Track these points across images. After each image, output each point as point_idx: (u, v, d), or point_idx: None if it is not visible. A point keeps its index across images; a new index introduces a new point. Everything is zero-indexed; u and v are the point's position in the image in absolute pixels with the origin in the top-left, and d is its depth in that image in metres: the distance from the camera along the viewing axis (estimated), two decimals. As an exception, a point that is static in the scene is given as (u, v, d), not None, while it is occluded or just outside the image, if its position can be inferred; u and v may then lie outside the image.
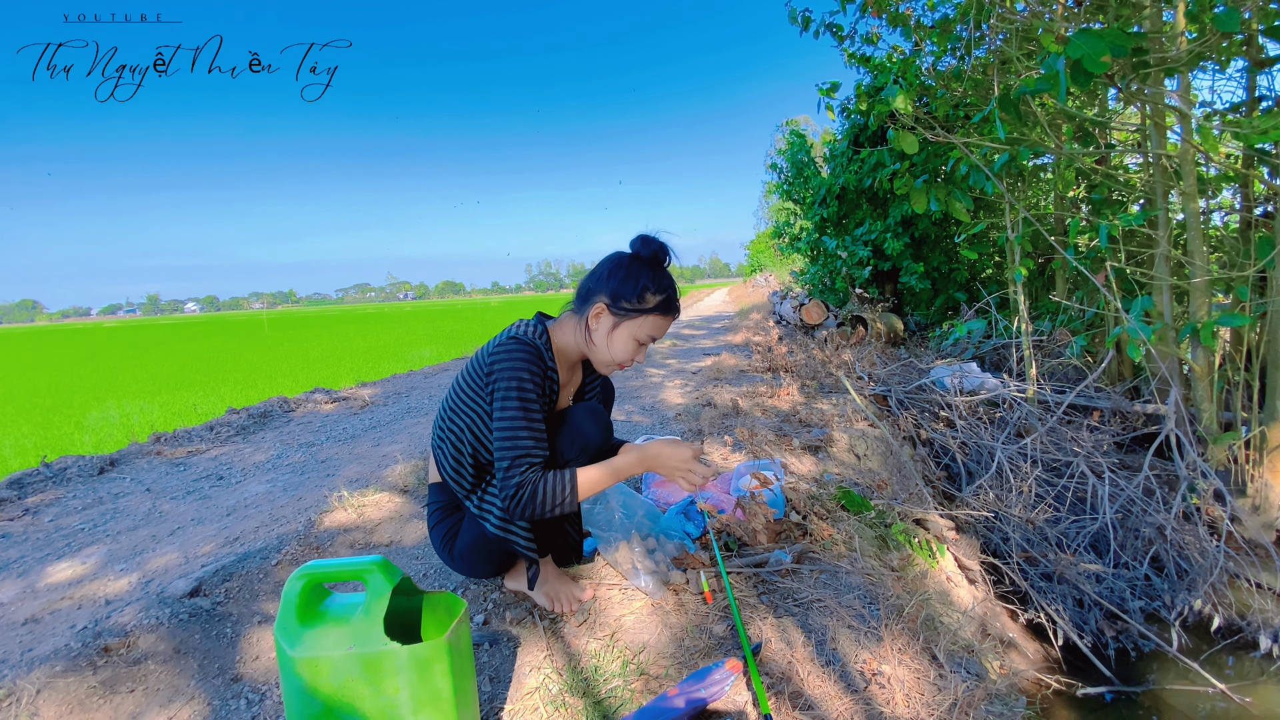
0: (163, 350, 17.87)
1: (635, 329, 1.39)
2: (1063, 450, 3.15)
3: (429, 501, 1.59)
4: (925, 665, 1.35)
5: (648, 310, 1.38)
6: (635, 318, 1.38)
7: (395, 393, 5.39)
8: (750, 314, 11.43)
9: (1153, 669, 2.34)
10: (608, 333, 1.39)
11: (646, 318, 1.38)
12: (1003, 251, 5.96)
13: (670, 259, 1.42)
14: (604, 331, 1.39)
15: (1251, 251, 2.90)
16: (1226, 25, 1.71)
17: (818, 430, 3.15)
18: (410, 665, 1.03)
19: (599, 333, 1.40)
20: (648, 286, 1.37)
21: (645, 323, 1.39)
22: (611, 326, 1.39)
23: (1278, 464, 2.92)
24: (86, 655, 1.43)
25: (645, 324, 1.39)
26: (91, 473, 3.24)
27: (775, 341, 6.23)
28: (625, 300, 1.37)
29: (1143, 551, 2.68)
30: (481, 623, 1.56)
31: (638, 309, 1.37)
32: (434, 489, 1.58)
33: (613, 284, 1.38)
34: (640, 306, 1.37)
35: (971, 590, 2.31)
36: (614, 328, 1.38)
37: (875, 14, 3.41)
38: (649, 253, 1.40)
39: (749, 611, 1.51)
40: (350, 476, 2.84)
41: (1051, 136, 3.10)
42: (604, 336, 1.39)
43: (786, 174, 7.80)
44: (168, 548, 2.20)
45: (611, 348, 1.40)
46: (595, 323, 1.40)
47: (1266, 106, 3.32)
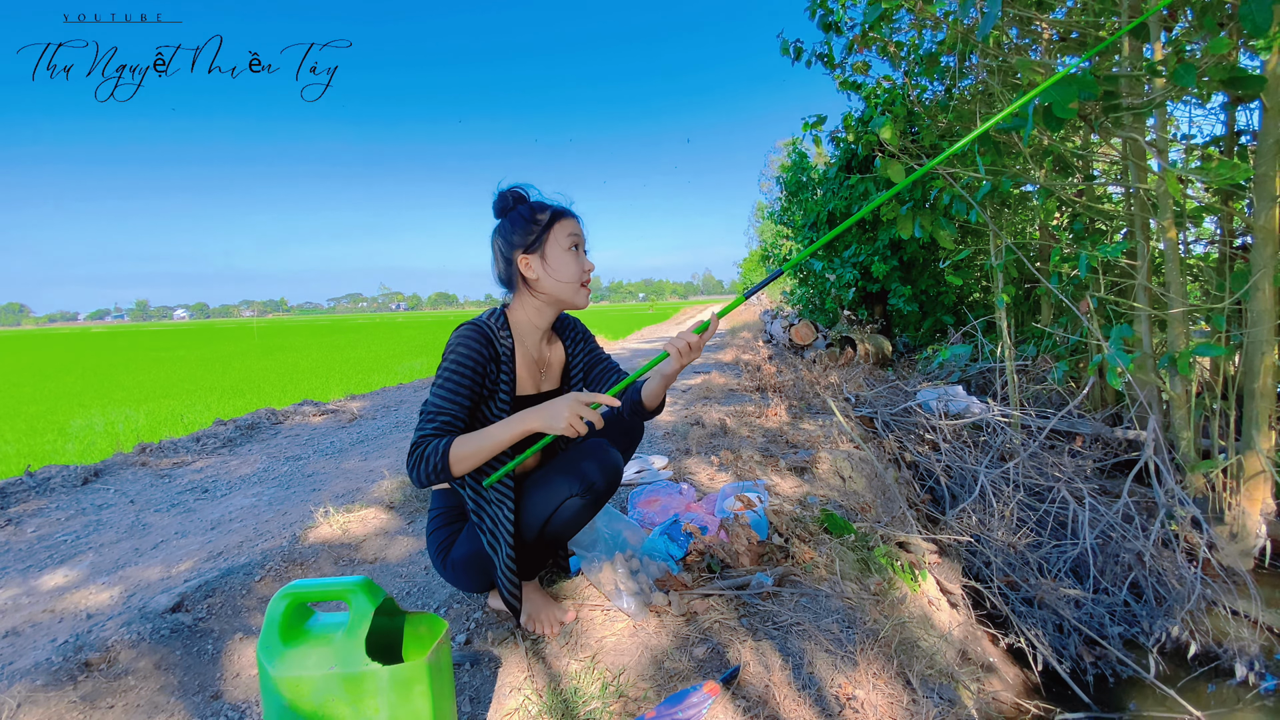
0: (150, 357, 17.74)
1: (556, 243, 1.49)
2: (1044, 475, 3.19)
3: (431, 506, 1.62)
4: (899, 690, 1.37)
5: (549, 224, 1.49)
6: (547, 236, 1.48)
7: (384, 406, 5.39)
8: (740, 332, 11.50)
9: (1131, 695, 2.36)
10: (543, 268, 1.48)
11: (553, 229, 1.49)
12: (989, 276, 6.05)
13: (526, 193, 1.55)
14: (540, 270, 1.49)
15: (1227, 284, 2.97)
16: (1183, 80, 1.78)
17: (804, 451, 3.18)
18: (391, 686, 1.05)
19: (540, 276, 1.49)
20: (533, 213, 1.50)
21: (557, 232, 1.49)
22: (541, 259, 1.48)
23: (1255, 492, 2.97)
24: (67, 669, 1.42)
25: (558, 233, 1.49)
26: (75, 483, 3.22)
27: (764, 361, 6.27)
28: (529, 234, 1.48)
29: (1122, 577, 2.71)
30: (463, 642, 1.56)
31: (542, 229, 1.49)
32: (437, 494, 1.61)
33: (513, 236, 1.50)
34: (542, 226, 1.49)
35: (953, 614, 2.33)
36: (543, 258, 1.48)
37: (862, 49, 3.50)
38: (513, 200, 1.53)
39: (729, 634, 1.52)
40: (337, 491, 2.85)
41: (1034, 167, 3.18)
42: (544, 274, 1.48)
43: (784, 193, 7.91)
44: (150, 561, 2.19)
45: (557, 274, 1.48)
46: (529, 271, 1.49)
47: (1246, 141, 3.42)
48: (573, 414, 1.29)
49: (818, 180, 7.66)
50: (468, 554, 1.50)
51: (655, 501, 2.33)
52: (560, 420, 1.29)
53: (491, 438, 1.32)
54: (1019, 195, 5.18)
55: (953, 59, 3.49)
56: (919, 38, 3.80)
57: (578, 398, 1.31)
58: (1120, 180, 3.57)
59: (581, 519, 1.49)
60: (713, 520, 2.10)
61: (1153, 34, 2.68)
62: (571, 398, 1.31)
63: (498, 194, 1.53)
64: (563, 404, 1.30)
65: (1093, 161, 4.12)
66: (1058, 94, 1.43)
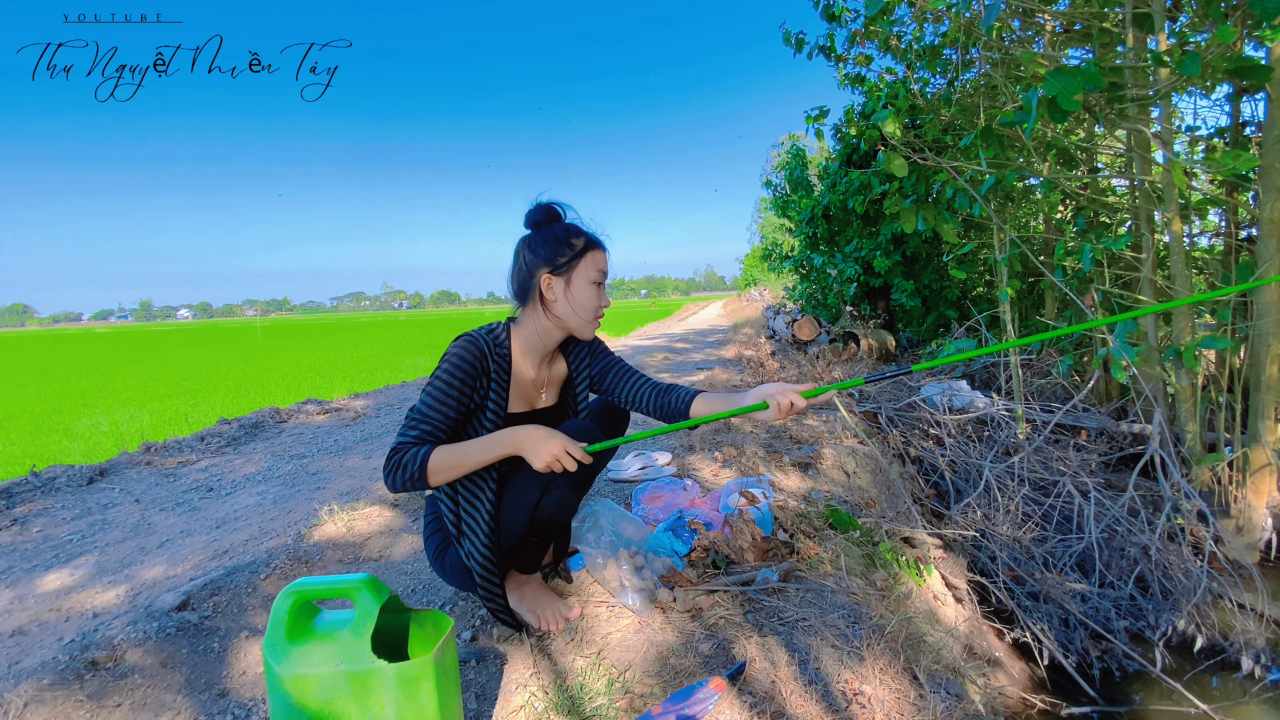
0: (154, 357, 17.79)
1: (584, 273, 1.47)
2: (1049, 469, 3.18)
3: (426, 512, 1.62)
4: (906, 685, 1.36)
5: (582, 251, 1.48)
6: (577, 264, 1.47)
7: (388, 404, 5.40)
8: (743, 329, 11.48)
9: (1137, 689, 2.36)
10: (564, 293, 1.47)
11: (584, 257, 1.47)
12: (993, 270, 6.03)
13: (563, 211, 1.53)
14: (561, 294, 1.47)
15: (1233, 276, 2.95)
16: (1189, 70, 1.77)
17: (808, 447, 3.18)
18: (397, 683, 1.05)
19: (559, 300, 1.47)
20: (569, 234, 1.48)
21: (587, 263, 1.47)
22: (565, 285, 1.47)
23: (1261, 485, 2.96)
24: (74, 668, 1.43)
25: (588, 264, 1.48)
26: (80, 483, 3.23)
27: (767, 356, 6.26)
28: (560, 256, 1.46)
29: (1128, 571, 2.70)
30: (469, 639, 1.56)
31: (574, 255, 1.47)
32: (430, 500, 1.60)
33: (542, 254, 1.47)
34: (575, 252, 1.47)
35: (958, 609, 2.32)
36: (567, 285, 1.47)
37: (863, 42, 3.48)
38: (547, 216, 1.51)
39: (734, 630, 1.52)
40: (341, 489, 2.85)
41: (1038, 160, 3.16)
42: (564, 298, 1.47)
43: (783, 190, 7.89)
44: (156, 560, 2.20)
45: (575, 303, 1.47)
46: (550, 293, 1.47)
47: (1251, 132, 3.40)
48: (558, 453, 1.30)
49: (818, 175, 7.64)
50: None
51: (659, 498, 2.33)
52: (541, 457, 1.31)
53: (471, 454, 1.34)
54: (1023, 189, 5.16)
55: (954, 52, 3.47)
56: (920, 31, 3.79)
57: (567, 440, 1.32)
58: (1125, 173, 3.55)
59: (569, 505, 1.49)
60: (717, 516, 2.10)
61: (1157, 24, 2.66)
62: (561, 438, 1.32)
63: (535, 205, 1.51)
64: (550, 441, 1.31)
65: (1097, 155, 4.10)
66: (1063, 85, 1.41)
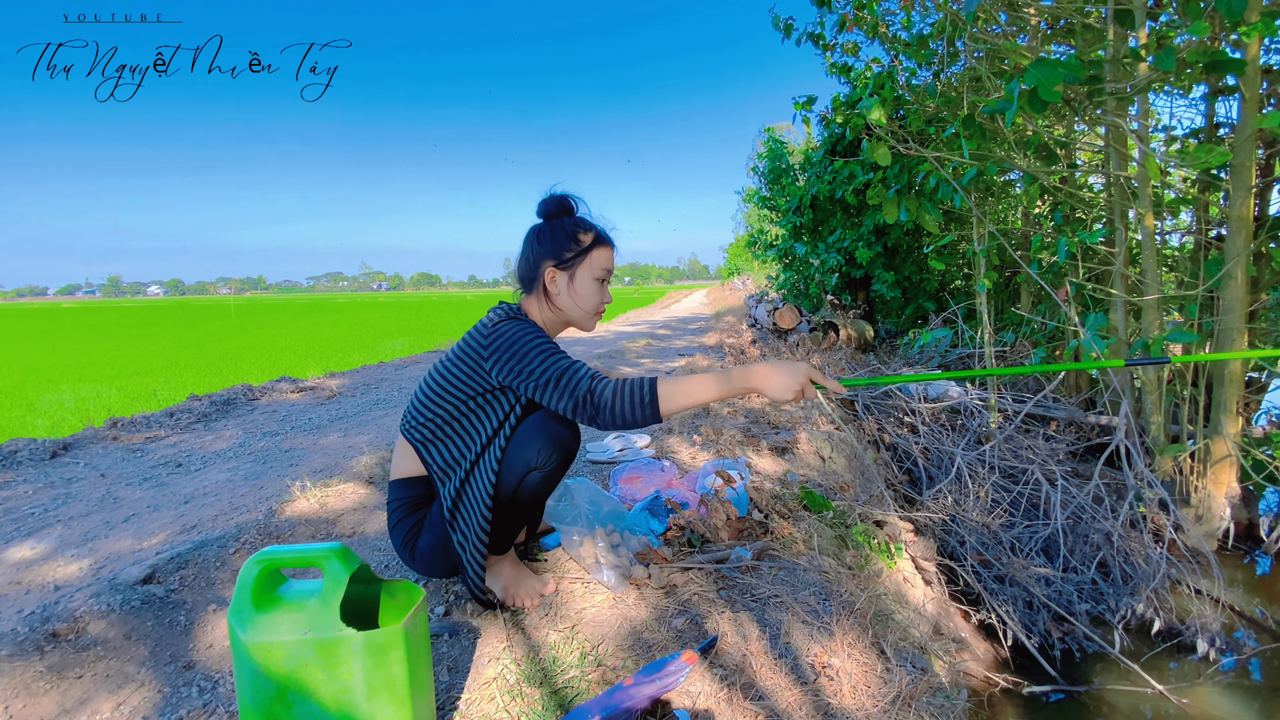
0: (123, 334, 17.35)
1: (589, 269, 1.48)
2: (1019, 457, 3.25)
3: (390, 498, 1.56)
4: (873, 659, 1.39)
5: (589, 247, 1.49)
6: (583, 259, 1.48)
7: (364, 384, 5.33)
8: (725, 316, 11.52)
9: (1096, 670, 2.43)
10: (568, 286, 1.48)
11: (591, 253, 1.49)
12: (971, 263, 6.11)
13: (576, 205, 1.53)
14: (564, 288, 1.48)
15: (1201, 272, 3.02)
16: (1164, 64, 1.80)
17: (785, 432, 3.21)
18: (365, 651, 1.04)
19: (561, 293, 1.48)
20: (577, 229, 1.49)
21: (593, 259, 1.49)
22: (569, 280, 1.48)
23: (1220, 476, 3.05)
24: (34, 640, 1.40)
25: (594, 260, 1.49)
26: (43, 456, 3.15)
27: (748, 344, 6.29)
28: (567, 250, 1.47)
29: (1091, 557, 2.78)
30: (442, 614, 1.56)
31: (581, 250, 1.48)
32: (395, 485, 1.55)
33: (549, 245, 1.48)
34: (582, 247, 1.48)
35: (927, 590, 2.37)
36: (571, 279, 1.48)
37: (851, 28, 3.48)
38: (559, 208, 1.51)
39: (708, 606, 1.53)
40: (315, 467, 2.81)
41: (1018, 154, 3.19)
42: (567, 292, 1.48)
43: (764, 180, 7.89)
44: (121, 534, 2.15)
45: (578, 297, 1.48)
46: (554, 286, 1.48)
47: (1225, 133, 3.47)
48: (806, 385, 1.25)
49: (800, 165, 7.65)
50: (435, 541, 1.48)
51: (637, 479, 2.33)
52: (791, 391, 1.25)
53: (699, 391, 1.28)
54: (1002, 184, 5.22)
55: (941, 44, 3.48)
56: (908, 20, 3.79)
57: (812, 370, 1.27)
58: (1101, 169, 3.61)
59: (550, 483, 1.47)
60: (694, 497, 2.11)
61: (1138, 21, 2.69)
62: (807, 368, 1.27)
63: (549, 195, 1.51)
64: (798, 373, 1.26)
65: (1075, 150, 4.15)
66: (1044, 76, 1.43)
